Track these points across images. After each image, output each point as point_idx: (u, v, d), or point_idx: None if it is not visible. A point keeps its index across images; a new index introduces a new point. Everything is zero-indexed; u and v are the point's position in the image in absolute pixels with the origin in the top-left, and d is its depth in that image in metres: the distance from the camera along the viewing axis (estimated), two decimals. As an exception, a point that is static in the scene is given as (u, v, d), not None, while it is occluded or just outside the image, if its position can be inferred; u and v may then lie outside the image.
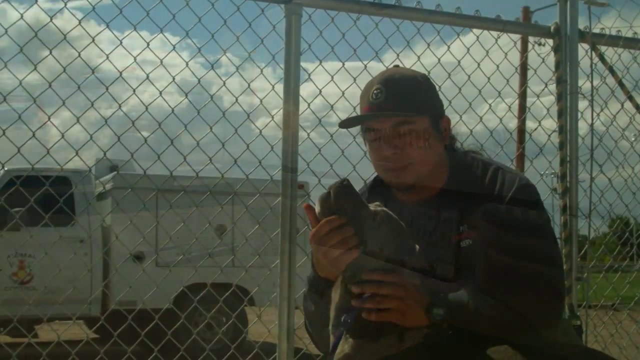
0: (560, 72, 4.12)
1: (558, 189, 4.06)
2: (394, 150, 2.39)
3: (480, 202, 2.36)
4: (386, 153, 2.41)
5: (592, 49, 4.30)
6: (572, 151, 4.07)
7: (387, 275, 2.13)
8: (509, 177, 2.40)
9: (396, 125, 2.38)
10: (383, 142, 2.41)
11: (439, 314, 2.14)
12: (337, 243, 2.13)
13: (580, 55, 4.24)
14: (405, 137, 2.38)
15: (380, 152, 2.43)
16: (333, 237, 2.13)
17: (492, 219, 2.32)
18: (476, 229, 2.34)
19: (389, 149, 2.40)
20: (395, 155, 2.39)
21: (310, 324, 2.47)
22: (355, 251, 2.13)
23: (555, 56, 4.17)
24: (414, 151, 2.39)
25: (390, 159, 2.41)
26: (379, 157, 2.45)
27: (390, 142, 2.40)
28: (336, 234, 2.13)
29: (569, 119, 4.10)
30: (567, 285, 3.91)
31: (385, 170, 2.46)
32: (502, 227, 2.31)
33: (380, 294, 2.13)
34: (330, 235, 2.13)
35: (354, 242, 2.13)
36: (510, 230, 2.30)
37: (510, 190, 2.37)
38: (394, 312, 2.13)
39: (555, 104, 4.13)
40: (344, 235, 2.13)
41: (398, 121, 2.37)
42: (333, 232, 2.13)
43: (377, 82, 2.43)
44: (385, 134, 2.40)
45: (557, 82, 4.14)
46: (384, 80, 2.42)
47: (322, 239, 2.15)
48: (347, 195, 2.18)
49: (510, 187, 2.37)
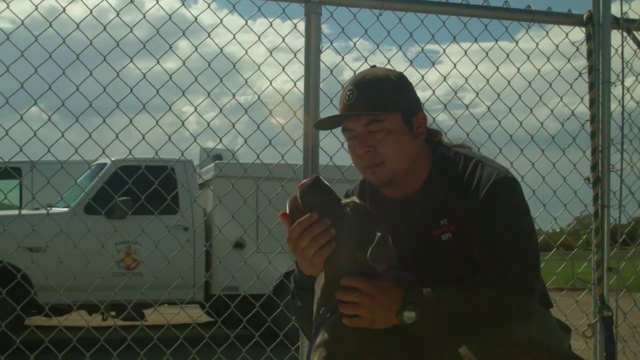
0: (592, 60, 4.02)
1: (590, 178, 3.99)
2: (367, 149, 2.45)
3: (459, 196, 2.41)
4: (360, 152, 2.47)
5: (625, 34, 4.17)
6: (603, 140, 3.98)
7: (355, 282, 2.15)
8: (487, 171, 2.43)
9: (367, 124, 2.43)
10: (357, 141, 2.47)
11: (410, 317, 2.16)
12: (309, 243, 2.17)
13: (617, 44, 4.13)
14: (376, 135, 2.43)
15: (355, 151, 2.48)
16: (305, 238, 2.17)
17: (467, 213, 2.37)
18: (455, 223, 2.40)
19: (362, 148, 2.46)
20: (368, 154, 2.45)
21: (299, 320, 2.51)
22: (328, 248, 2.17)
23: (587, 44, 4.07)
24: (385, 148, 2.43)
25: (364, 158, 2.46)
26: (354, 156, 2.51)
27: (363, 140, 2.45)
28: (308, 234, 2.17)
29: (601, 108, 3.99)
30: (598, 275, 3.87)
31: (362, 169, 2.52)
32: (475, 221, 2.36)
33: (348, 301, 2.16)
34: (302, 236, 2.17)
35: (326, 239, 2.16)
36: (483, 225, 2.35)
37: (486, 184, 2.39)
38: (362, 319, 2.16)
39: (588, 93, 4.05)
40: (314, 234, 2.16)
41: (368, 120, 2.43)
42: (305, 232, 2.17)
43: (349, 84, 2.50)
44: (358, 133, 2.46)
45: (588, 71, 4.06)
46: (357, 82, 2.48)
47: (296, 241, 2.19)
48: (314, 192, 2.22)
49: (487, 181, 2.40)
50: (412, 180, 2.51)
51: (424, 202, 2.48)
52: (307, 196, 2.22)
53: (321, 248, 2.17)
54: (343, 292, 2.17)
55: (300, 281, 2.40)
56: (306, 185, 2.24)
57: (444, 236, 2.42)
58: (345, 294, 2.16)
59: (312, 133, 3.52)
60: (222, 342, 4.17)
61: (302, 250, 2.18)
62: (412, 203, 2.50)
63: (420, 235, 2.45)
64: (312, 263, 2.22)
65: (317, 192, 2.23)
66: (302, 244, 2.17)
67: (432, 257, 2.44)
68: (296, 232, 2.18)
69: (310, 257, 2.19)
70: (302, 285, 2.39)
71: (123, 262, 8.41)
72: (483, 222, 2.35)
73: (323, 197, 2.23)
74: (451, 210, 2.42)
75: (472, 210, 2.37)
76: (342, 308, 2.17)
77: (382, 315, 2.16)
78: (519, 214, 2.41)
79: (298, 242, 2.18)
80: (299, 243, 2.18)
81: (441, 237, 2.43)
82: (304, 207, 2.21)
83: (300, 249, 2.18)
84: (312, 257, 2.18)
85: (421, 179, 2.52)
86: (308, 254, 2.18)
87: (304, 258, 2.21)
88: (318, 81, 3.61)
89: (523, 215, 2.43)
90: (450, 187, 2.45)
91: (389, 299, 2.16)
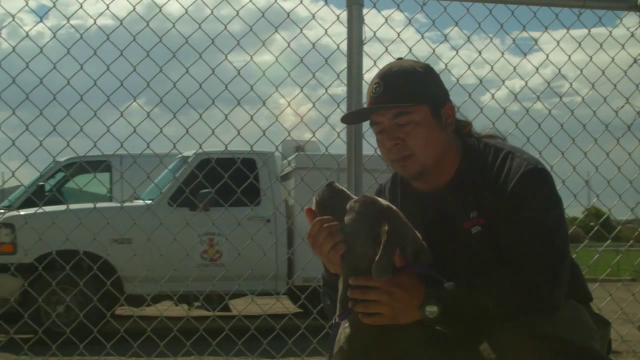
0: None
1: None
2: (395, 142, 2.44)
3: (489, 188, 2.38)
4: (388, 145, 2.46)
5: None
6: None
7: (372, 280, 2.14)
8: (517, 162, 2.38)
9: (394, 117, 2.42)
10: (385, 135, 2.45)
11: (433, 311, 2.16)
12: (325, 240, 2.21)
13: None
14: (404, 128, 2.42)
15: (384, 144, 2.47)
16: (321, 235, 2.22)
17: (496, 206, 2.34)
18: (485, 216, 2.38)
19: (390, 141, 2.44)
20: (396, 147, 2.44)
21: (329, 317, 2.51)
22: (341, 245, 2.21)
23: None
24: (414, 141, 2.42)
25: (392, 151, 2.45)
26: (383, 150, 2.50)
27: (391, 134, 2.44)
28: (324, 231, 2.22)
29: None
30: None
31: (391, 162, 2.49)
32: (503, 214, 2.33)
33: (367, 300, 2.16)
34: (319, 233, 2.23)
35: (339, 237, 2.21)
36: (510, 217, 2.32)
37: (515, 175, 2.35)
38: (384, 316, 2.18)
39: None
40: (329, 231, 2.21)
41: (396, 113, 2.41)
42: (322, 230, 2.22)
43: (376, 77, 2.49)
44: (386, 126, 2.44)
45: None
46: (383, 74, 2.47)
47: (313, 238, 2.25)
48: (331, 192, 2.31)
49: (516, 172, 2.36)
50: (442, 172, 2.48)
51: (453, 195, 2.45)
52: (325, 196, 2.32)
53: (336, 244, 2.21)
54: (360, 291, 2.18)
55: (327, 280, 2.44)
56: (324, 188, 2.34)
57: (474, 229, 2.40)
58: (362, 292, 2.18)
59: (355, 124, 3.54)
60: (314, 333, 4.24)
61: (320, 246, 2.23)
62: (442, 196, 2.48)
63: (450, 229, 2.44)
64: (329, 260, 2.26)
65: (335, 193, 2.31)
66: (319, 240, 2.23)
67: (462, 250, 2.41)
68: (315, 227, 2.24)
69: (327, 254, 2.23)
70: (329, 283, 2.43)
71: (206, 253, 8.52)
72: (511, 214, 2.32)
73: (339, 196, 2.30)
74: (481, 203, 2.39)
75: (501, 202, 2.34)
76: (361, 307, 2.18)
77: (403, 310, 2.18)
78: (547, 205, 2.35)
79: (316, 238, 2.24)
80: (317, 239, 2.23)
81: (471, 231, 2.40)
82: (322, 205, 2.30)
83: (318, 244, 2.23)
84: (328, 253, 2.22)
85: (451, 171, 2.49)
86: (325, 249, 2.23)
87: (321, 254, 2.26)
88: (361, 72, 3.63)
89: (552, 206, 2.36)
90: (480, 179, 2.42)
91: (409, 294, 2.18)
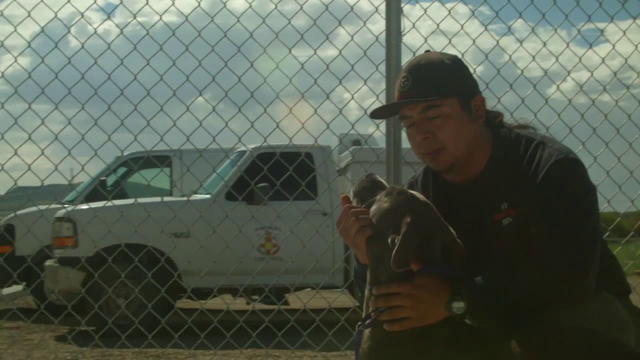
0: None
1: None
2: (425, 135, 2.42)
3: (519, 179, 2.37)
4: (418, 139, 2.44)
5: None
6: None
7: (392, 287, 2.17)
8: (548, 152, 2.36)
9: (424, 110, 2.40)
10: (415, 129, 2.44)
11: (459, 307, 2.15)
12: (352, 223, 2.25)
13: None
14: (434, 122, 2.40)
15: (414, 138, 2.46)
16: (349, 219, 2.26)
17: (527, 197, 2.32)
18: (516, 207, 2.36)
19: (420, 135, 2.43)
20: (427, 140, 2.43)
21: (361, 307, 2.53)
22: (367, 230, 2.24)
23: None
24: (444, 134, 2.40)
25: (422, 144, 2.43)
26: (413, 144, 2.49)
27: (421, 127, 2.43)
28: (351, 216, 2.26)
29: None
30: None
31: (421, 156, 2.48)
32: (533, 204, 2.31)
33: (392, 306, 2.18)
34: (347, 217, 2.27)
35: (366, 221, 2.25)
36: (540, 207, 2.29)
37: (545, 165, 2.33)
38: (411, 319, 2.18)
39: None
40: (356, 215, 2.25)
41: (425, 106, 2.40)
42: (350, 214, 2.27)
43: (404, 70, 2.48)
44: (415, 120, 2.43)
45: None
46: (411, 68, 2.46)
47: (341, 223, 2.29)
48: (369, 183, 2.38)
49: (546, 162, 2.34)
50: (473, 164, 2.47)
51: (485, 186, 2.45)
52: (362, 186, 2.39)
53: (362, 228, 2.24)
54: (383, 299, 2.19)
55: (358, 270, 2.45)
56: (362, 179, 2.42)
57: (505, 221, 2.39)
58: (385, 300, 2.19)
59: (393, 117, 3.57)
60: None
61: (347, 230, 2.27)
62: (473, 187, 2.48)
63: (481, 220, 2.43)
64: (354, 244, 2.28)
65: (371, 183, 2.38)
66: (347, 224, 2.27)
67: (493, 242, 2.40)
68: (344, 214, 2.29)
69: (352, 237, 2.25)
70: (359, 274, 2.43)
71: (263, 247, 8.57)
72: (540, 204, 2.30)
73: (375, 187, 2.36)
74: (512, 194, 2.38)
75: (531, 193, 2.32)
76: (386, 315, 2.19)
77: (429, 311, 2.18)
78: (578, 195, 2.31)
79: (344, 222, 2.28)
80: (344, 223, 2.28)
81: (502, 222, 2.40)
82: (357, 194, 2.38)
83: (345, 228, 2.27)
84: (354, 237, 2.25)
85: (482, 163, 2.47)
86: (351, 232, 2.25)
87: (347, 238, 2.28)
88: (399, 64, 3.63)
89: (583, 197, 2.32)
90: (511, 170, 2.40)
91: (432, 294, 2.18)
